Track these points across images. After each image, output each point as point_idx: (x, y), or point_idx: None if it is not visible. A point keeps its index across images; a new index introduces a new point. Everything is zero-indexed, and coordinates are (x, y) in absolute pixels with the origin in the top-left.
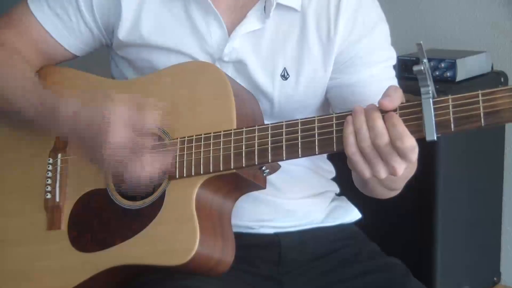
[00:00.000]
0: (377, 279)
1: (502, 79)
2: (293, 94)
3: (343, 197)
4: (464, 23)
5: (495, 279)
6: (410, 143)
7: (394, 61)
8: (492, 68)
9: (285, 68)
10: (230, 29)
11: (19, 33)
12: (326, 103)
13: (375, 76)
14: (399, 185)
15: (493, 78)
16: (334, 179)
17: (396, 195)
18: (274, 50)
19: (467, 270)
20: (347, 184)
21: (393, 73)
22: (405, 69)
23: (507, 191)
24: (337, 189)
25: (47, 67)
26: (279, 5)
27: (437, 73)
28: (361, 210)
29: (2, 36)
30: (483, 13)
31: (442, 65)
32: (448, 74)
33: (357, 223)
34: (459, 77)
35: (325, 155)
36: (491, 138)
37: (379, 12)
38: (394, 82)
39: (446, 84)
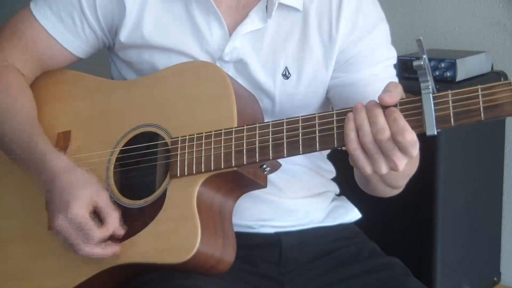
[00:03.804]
0: (377, 279)
1: (502, 79)
2: (295, 93)
3: (343, 197)
4: (464, 23)
5: (495, 279)
6: (411, 138)
7: (394, 60)
8: (492, 68)
9: (286, 67)
10: (232, 29)
11: (23, 44)
12: (327, 102)
13: (376, 75)
14: (401, 183)
15: (493, 78)
16: (334, 179)
17: (396, 195)
18: (276, 49)
19: (467, 270)
20: (347, 184)
21: (393, 72)
22: (405, 69)
23: (507, 191)
24: (337, 189)
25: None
26: (281, 4)
27: (437, 73)
28: (361, 210)
29: (5, 52)
30: (483, 13)
31: (442, 65)
32: (448, 74)
33: (357, 222)
34: (459, 77)
35: (325, 155)
36: (491, 137)
37: (379, 12)
38: (395, 81)
39: (446, 84)
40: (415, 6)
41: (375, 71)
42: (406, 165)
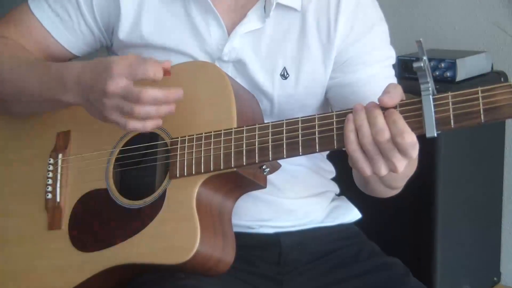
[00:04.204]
0: (377, 279)
1: (502, 79)
2: (293, 93)
3: (343, 197)
4: (464, 23)
5: (495, 279)
6: (410, 139)
7: (393, 60)
8: (492, 68)
9: (284, 67)
10: (230, 29)
11: (20, 32)
12: (326, 102)
13: (374, 75)
14: (400, 184)
15: (493, 78)
16: (334, 179)
17: (396, 195)
18: (274, 49)
19: (467, 270)
20: (347, 184)
21: (392, 72)
22: (405, 69)
23: (507, 191)
24: (337, 189)
25: None
26: (279, 4)
27: (437, 73)
28: (361, 210)
29: (6, 32)
30: (483, 13)
31: (442, 65)
32: (448, 74)
33: (357, 223)
34: (459, 77)
35: (325, 155)
36: (491, 138)
37: (378, 12)
38: (394, 81)
39: (446, 84)
40: (415, 6)
41: (374, 71)
42: (405, 166)
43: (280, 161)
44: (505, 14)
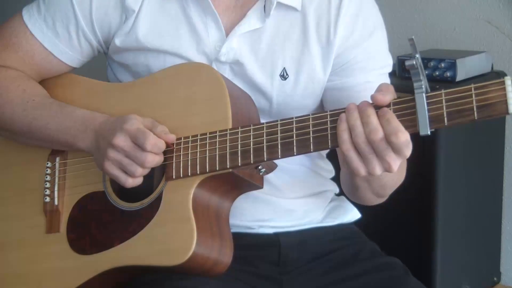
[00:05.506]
0: (376, 279)
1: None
2: (292, 94)
3: (343, 197)
4: (464, 23)
5: (495, 279)
6: (404, 138)
7: (390, 68)
8: (492, 68)
9: (284, 68)
10: (229, 29)
11: (22, 59)
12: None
13: (370, 82)
14: (388, 192)
15: (493, 78)
16: (333, 179)
17: (396, 195)
18: (274, 49)
19: (467, 270)
20: None
21: (388, 81)
22: (404, 68)
23: (507, 191)
24: (336, 189)
25: None
26: (279, 4)
27: (437, 73)
28: (360, 209)
29: (7, 59)
30: (483, 13)
31: (442, 65)
32: (448, 74)
33: (357, 222)
34: (459, 77)
35: (324, 154)
36: (491, 138)
37: (378, 17)
38: None
39: (446, 84)
40: (415, 5)
41: (370, 78)
42: (398, 167)
43: (279, 161)
44: (504, 14)
